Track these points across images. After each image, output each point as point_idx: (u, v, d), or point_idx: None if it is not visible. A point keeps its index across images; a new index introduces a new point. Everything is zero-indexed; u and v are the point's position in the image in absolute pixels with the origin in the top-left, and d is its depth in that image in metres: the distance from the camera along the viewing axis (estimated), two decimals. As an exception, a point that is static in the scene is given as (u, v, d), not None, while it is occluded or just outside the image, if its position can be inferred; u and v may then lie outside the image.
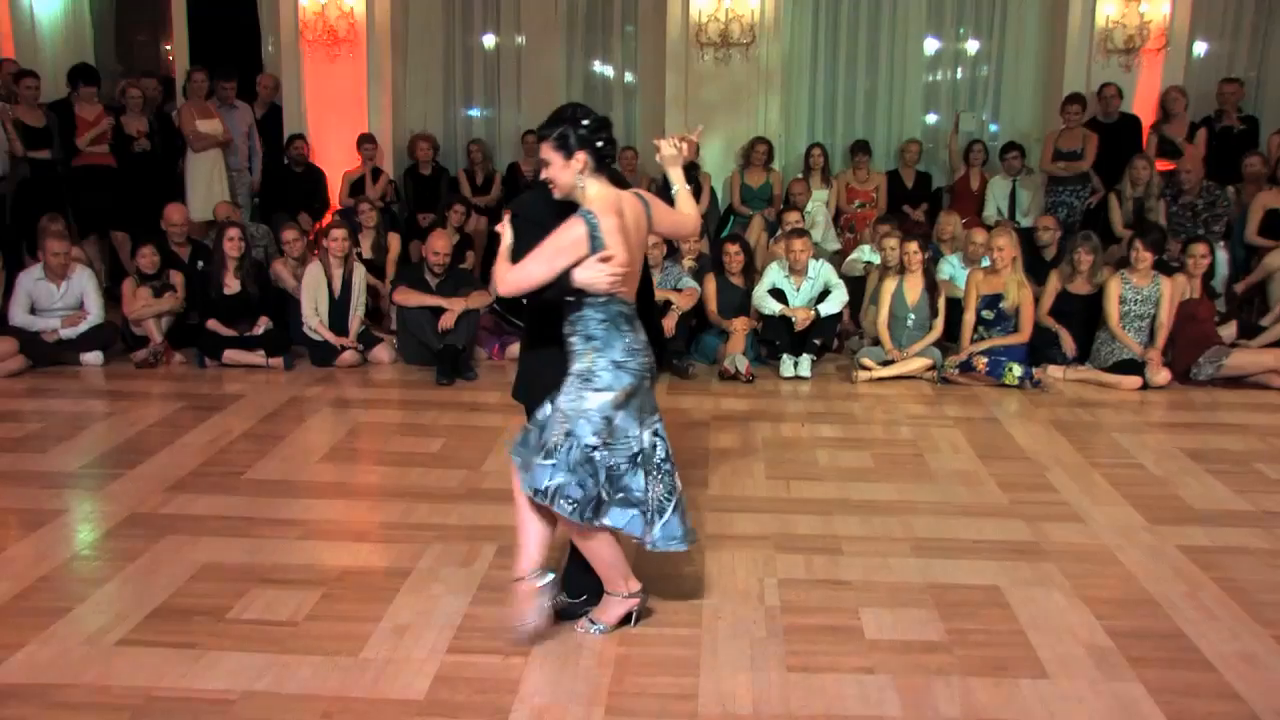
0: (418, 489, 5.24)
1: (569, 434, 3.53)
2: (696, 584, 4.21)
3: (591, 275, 3.44)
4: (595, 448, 3.53)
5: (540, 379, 3.74)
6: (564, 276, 3.44)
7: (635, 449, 3.61)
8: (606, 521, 3.60)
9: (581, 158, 3.52)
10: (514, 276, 3.51)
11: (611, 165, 3.65)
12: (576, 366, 3.57)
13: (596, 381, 3.53)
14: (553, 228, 3.48)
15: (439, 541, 4.56)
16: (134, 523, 4.80)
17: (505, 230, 3.65)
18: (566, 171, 3.54)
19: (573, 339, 3.59)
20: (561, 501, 3.52)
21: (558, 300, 3.54)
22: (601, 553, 3.71)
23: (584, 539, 3.68)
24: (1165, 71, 10.37)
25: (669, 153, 3.98)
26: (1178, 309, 7.60)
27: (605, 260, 3.43)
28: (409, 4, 11.35)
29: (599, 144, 3.54)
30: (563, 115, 3.57)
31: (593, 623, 3.81)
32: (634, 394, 3.58)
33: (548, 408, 3.63)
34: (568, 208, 3.55)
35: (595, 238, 3.44)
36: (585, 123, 3.53)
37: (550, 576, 3.71)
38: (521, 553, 3.73)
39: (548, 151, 3.54)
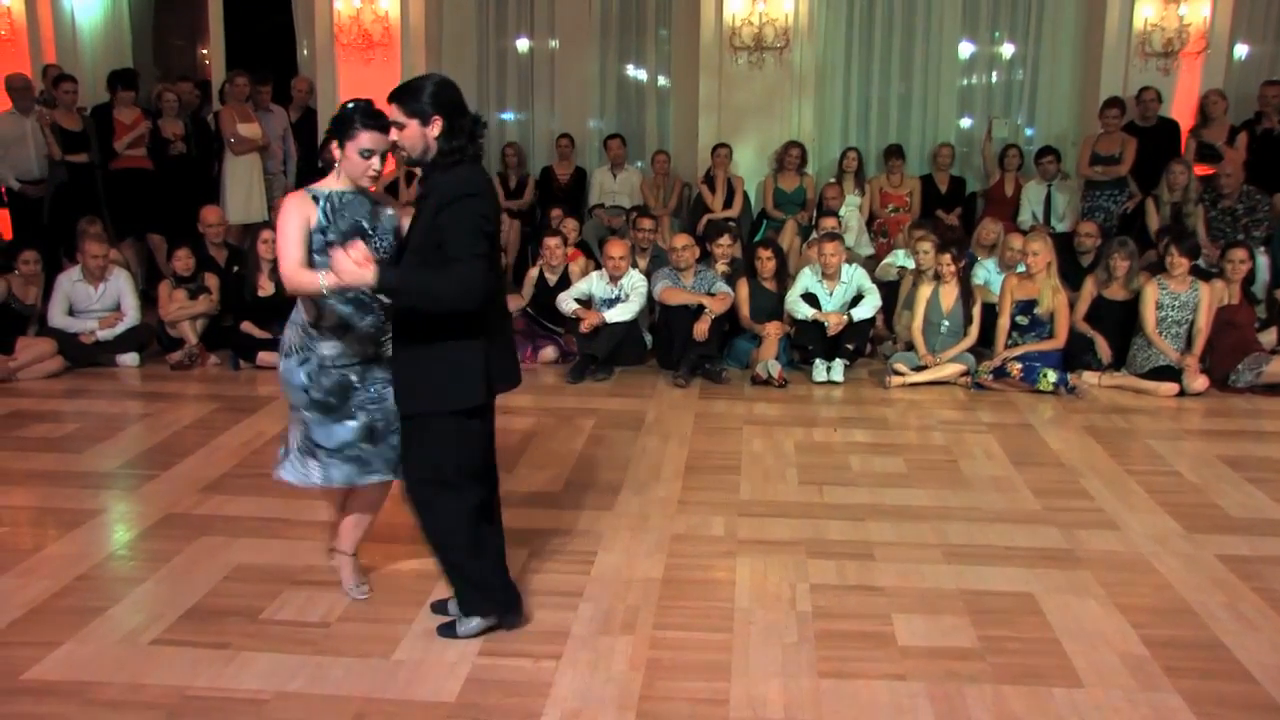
0: (450, 491, 5.24)
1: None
2: (728, 589, 4.20)
3: None
4: None
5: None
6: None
7: None
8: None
9: None
10: None
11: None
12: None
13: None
14: None
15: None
16: (169, 523, 4.84)
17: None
18: None
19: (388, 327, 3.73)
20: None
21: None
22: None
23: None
24: (1205, 75, 10.25)
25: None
26: (1216, 315, 7.52)
27: None
28: (443, 8, 11.41)
29: None
30: None
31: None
32: None
33: (351, 424, 3.78)
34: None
35: None
36: None
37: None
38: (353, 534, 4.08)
39: None
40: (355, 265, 3.32)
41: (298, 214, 3.57)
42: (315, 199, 3.62)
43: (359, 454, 3.78)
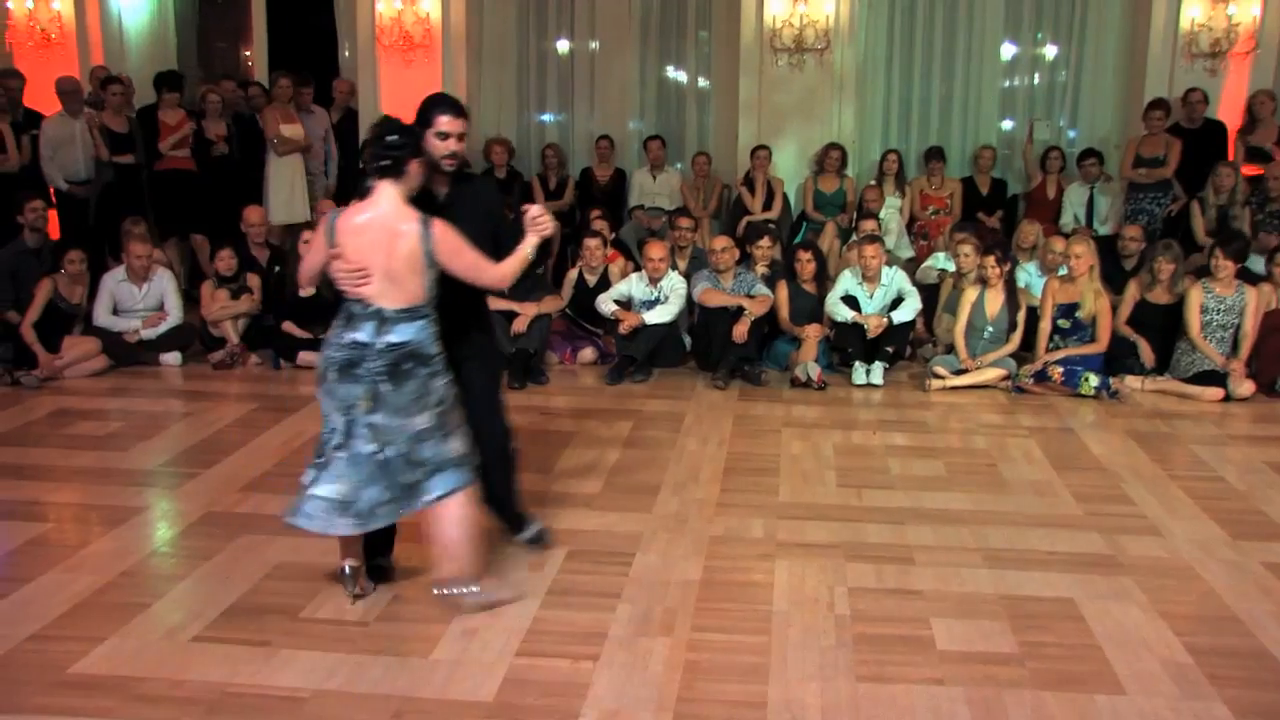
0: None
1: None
2: (767, 591, 4.19)
3: (333, 274, 3.82)
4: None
5: None
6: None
7: (328, 427, 3.90)
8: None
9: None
10: (302, 269, 4.07)
11: (388, 174, 3.82)
12: None
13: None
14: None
15: (508, 545, 4.58)
16: (210, 521, 4.89)
17: None
18: None
19: None
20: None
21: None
22: None
23: None
24: (1254, 75, 10.10)
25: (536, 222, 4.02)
26: (1263, 319, 7.41)
27: (335, 257, 3.78)
28: (484, 9, 11.44)
29: (368, 155, 3.85)
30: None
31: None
32: (322, 378, 3.87)
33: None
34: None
35: (329, 233, 3.81)
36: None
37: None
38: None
39: None
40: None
41: None
42: None
43: None
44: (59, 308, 7.84)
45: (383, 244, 3.73)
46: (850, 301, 7.84)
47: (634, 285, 8.07)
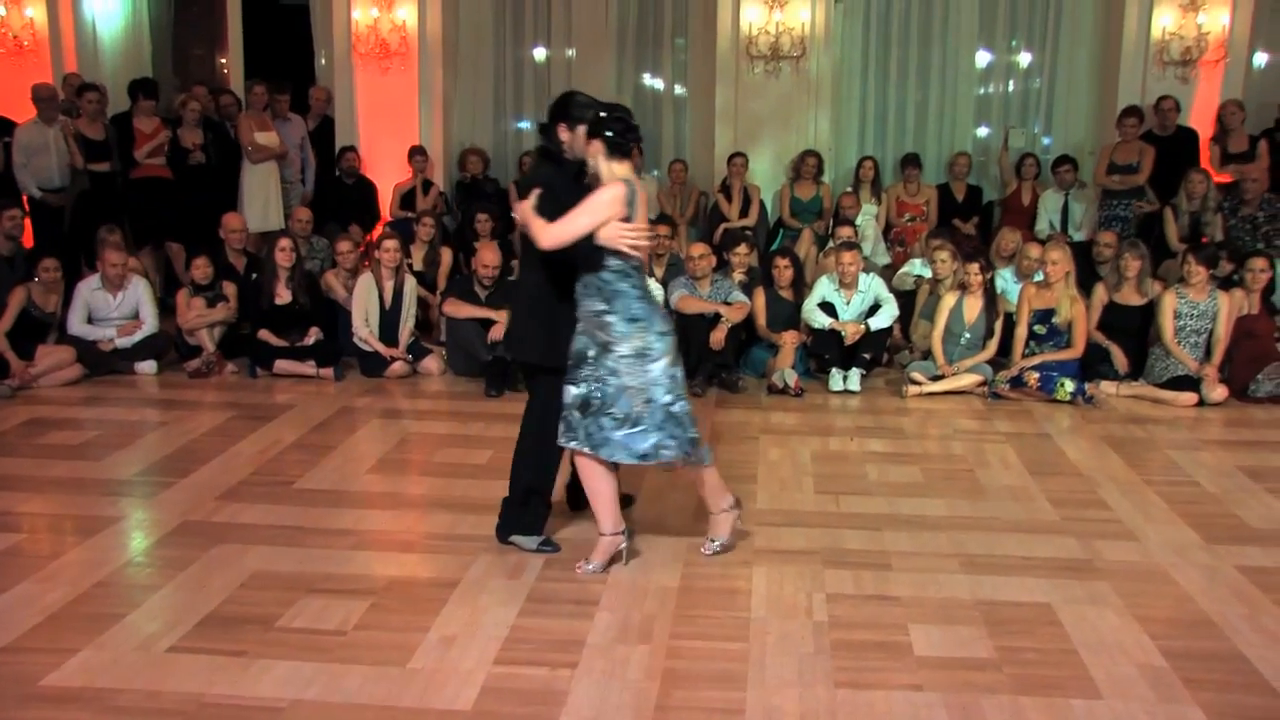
0: (466, 500, 5.25)
1: (648, 401, 4.20)
2: (745, 598, 4.19)
3: (612, 233, 4.08)
4: (672, 403, 4.23)
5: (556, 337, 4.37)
6: (591, 234, 4.11)
7: (662, 397, 4.25)
8: (706, 457, 4.43)
9: (596, 144, 4.18)
10: (559, 229, 4.09)
11: (630, 154, 4.23)
12: (631, 345, 4.18)
13: (653, 354, 4.21)
14: (570, 198, 4.14)
15: (486, 553, 4.58)
16: (186, 531, 4.86)
17: (529, 200, 4.25)
18: (591, 153, 4.21)
19: (611, 319, 4.18)
20: (663, 453, 4.22)
21: (584, 257, 4.14)
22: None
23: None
24: (1224, 84, 10.20)
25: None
26: (1236, 324, 7.47)
27: (625, 219, 4.10)
28: (460, 17, 11.43)
29: (609, 133, 4.15)
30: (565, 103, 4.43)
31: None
32: (668, 353, 4.27)
33: (573, 390, 4.24)
34: (583, 183, 4.28)
35: (631, 202, 4.12)
36: (603, 114, 4.21)
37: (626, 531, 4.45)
38: (604, 515, 4.38)
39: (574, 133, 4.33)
40: None
41: None
42: None
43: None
44: (33, 316, 7.78)
45: (646, 211, 4.25)
46: (827, 308, 7.86)
47: (611, 292, 8.04)
